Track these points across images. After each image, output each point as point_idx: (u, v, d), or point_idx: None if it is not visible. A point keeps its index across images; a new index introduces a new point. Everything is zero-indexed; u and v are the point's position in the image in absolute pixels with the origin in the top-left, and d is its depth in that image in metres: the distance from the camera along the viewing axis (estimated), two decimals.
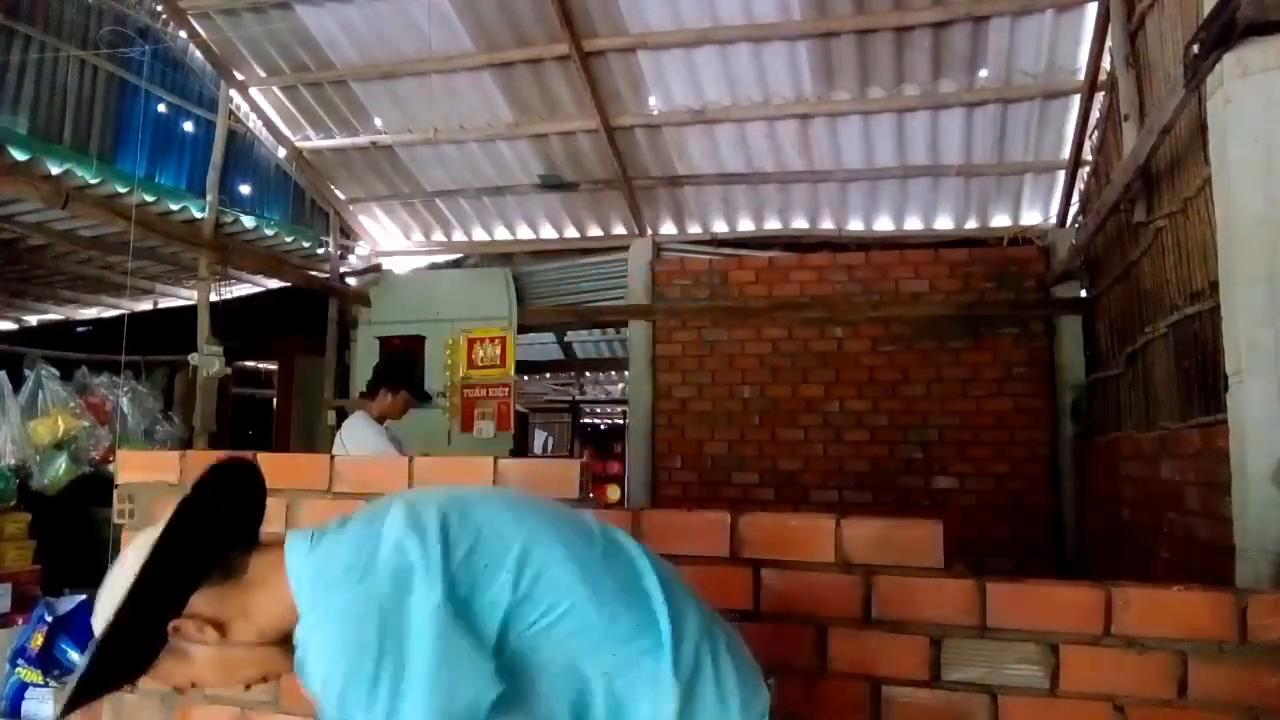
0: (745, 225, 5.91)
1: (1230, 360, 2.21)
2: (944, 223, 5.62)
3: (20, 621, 3.95)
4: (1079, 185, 5.11)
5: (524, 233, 6.36)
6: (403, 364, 4.16)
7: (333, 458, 1.99)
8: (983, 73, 4.67)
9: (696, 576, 1.74)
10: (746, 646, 1.22)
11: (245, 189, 6.67)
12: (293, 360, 7.41)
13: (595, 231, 6.21)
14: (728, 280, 5.70)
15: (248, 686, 1.12)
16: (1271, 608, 1.42)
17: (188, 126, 6.43)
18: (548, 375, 10.60)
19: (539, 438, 14.23)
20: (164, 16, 5.56)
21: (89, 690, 1.03)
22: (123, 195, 4.47)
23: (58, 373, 5.13)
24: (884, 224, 5.71)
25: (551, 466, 1.87)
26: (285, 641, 1.06)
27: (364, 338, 6.33)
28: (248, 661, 1.09)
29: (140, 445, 5.31)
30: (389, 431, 3.92)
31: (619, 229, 6.13)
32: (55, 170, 4.28)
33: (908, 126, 5.02)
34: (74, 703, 1.02)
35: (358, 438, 3.75)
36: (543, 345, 8.08)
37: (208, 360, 4.85)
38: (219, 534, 1.09)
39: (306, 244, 6.18)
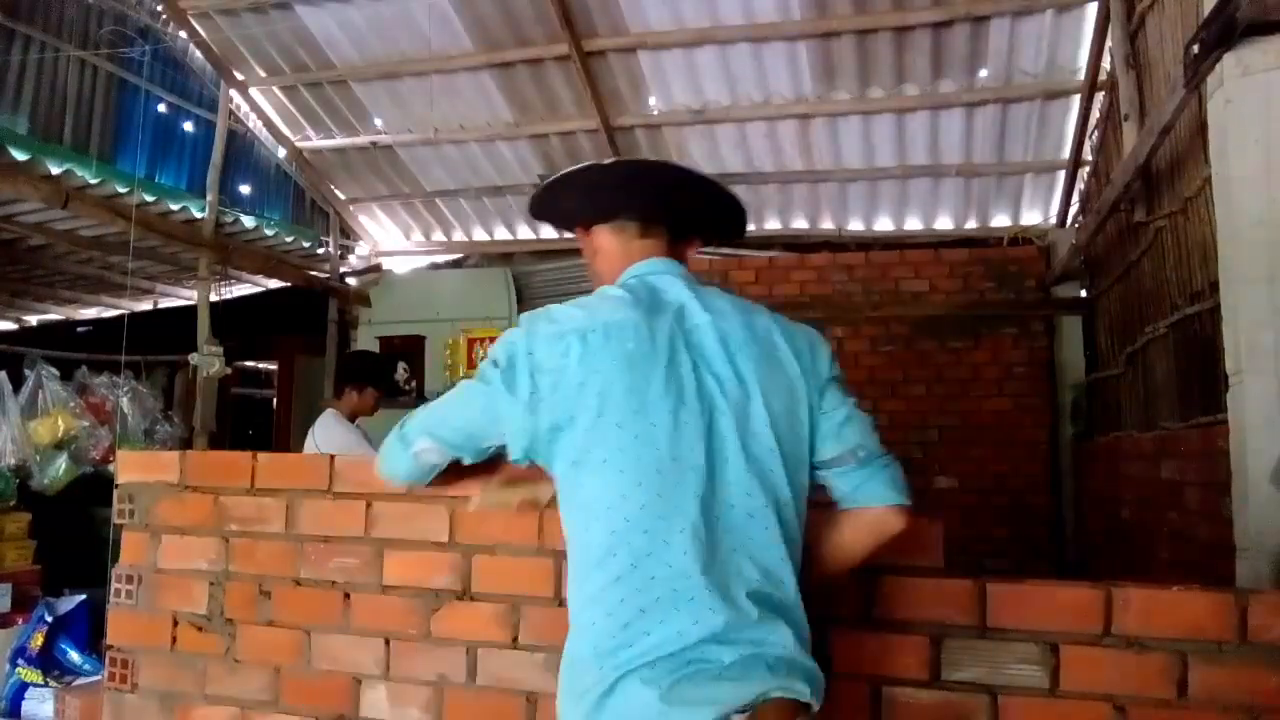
0: None
1: (1230, 360, 2.21)
2: (944, 223, 5.62)
3: (20, 621, 3.96)
4: (1079, 185, 5.11)
5: (524, 233, 6.36)
6: (366, 359, 4.13)
7: (333, 458, 1.99)
8: (983, 73, 4.67)
9: None
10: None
11: (245, 189, 6.66)
12: (293, 360, 7.41)
13: None
14: (728, 280, 5.70)
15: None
16: (1271, 608, 1.42)
17: (188, 126, 6.43)
18: None
19: None
20: (164, 16, 5.56)
21: None
22: (123, 195, 4.47)
23: (58, 373, 5.12)
24: (884, 224, 5.71)
25: None
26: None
27: (364, 338, 6.33)
28: None
29: (140, 445, 5.31)
30: (360, 429, 3.79)
31: None
32: (55, 170, 4.28)
33: (908, 126, 5.02)
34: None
35: (329, 437, 3.61)
36: None
37: (208, 360, 4.86)
38: None
39: (306, 244, 6.18)
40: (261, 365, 8.84)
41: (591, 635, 1.14)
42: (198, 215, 5.08)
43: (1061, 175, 5.17)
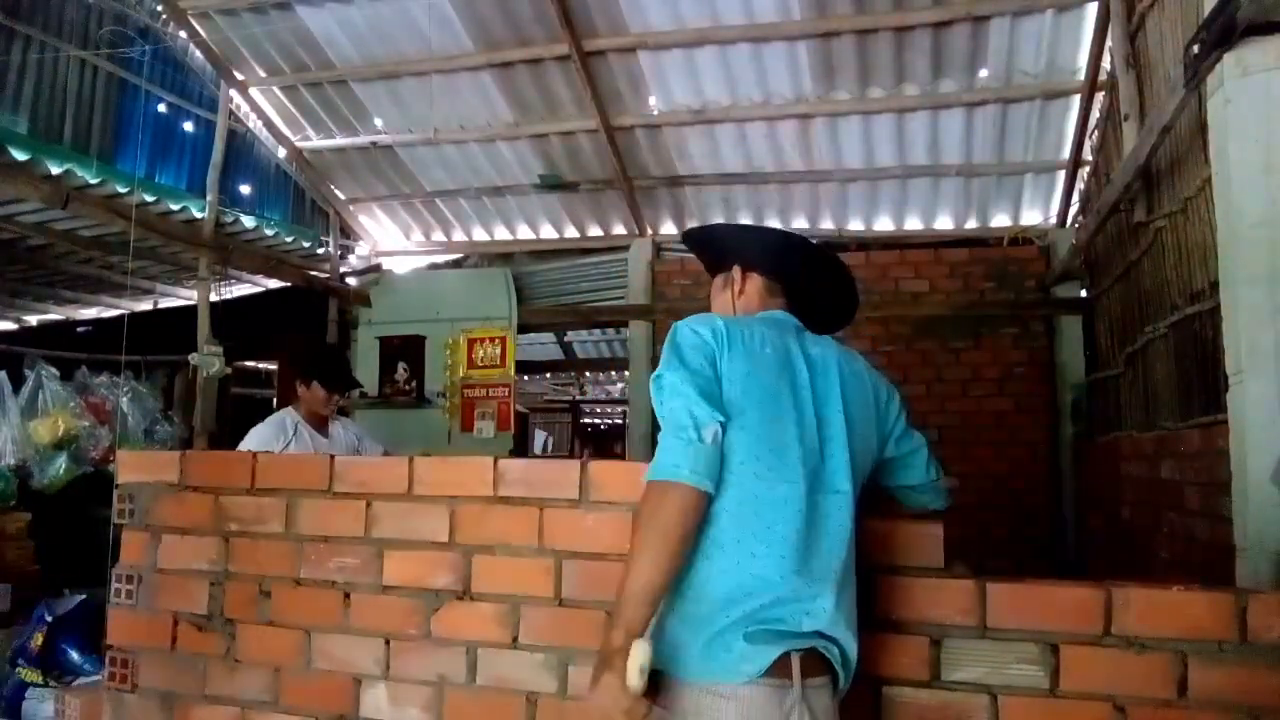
0: None
1: (1230, 360, 2.21)
2: (944, 223, 5.61)
3: (20, 621, 3.95)
4: (1079, 185, 5.11)
5: (524, 233, 6.36)
6: (309, 350, 3.65)
7: (333, 458, 1.99)
8: (983, 73, 4.67)
9: None
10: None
11: (245, 189, 6.68)
12: None
13: (595, 231, 6.21)
14: None
15: None
16: (1271, 608, 1.42)
17: (188, 126, 6.44)
18: (548, 375, 10.60)
19: (539, 438, 14.24)
20: (164, 16, 5.57)
21: None
22: (123, 195, 4.47)
23: (58, 373, 5.13)
24: (884, 224, 5.71)
25: (551, 466, 1.87)
26: None
27: (364, 338, 6.33)
28: None
29: (140, 445, 5.31)
30: (338, 427, 3.37)
31: (619, 229, 6.13)
32: (55, 170, 4.28)
33: (908, 126, 5.02)
34: None
35: (252, 435, 3.19)
36: (543, 345, 8.08)
37: (208, 360, 4.85)
38: None
39: (306, 244, 6.18)
40: (261, 365, 8.84)
41: (715, 579, 1.34)
42: (198, 215, 5.08)
43: (1061, 175, 5.17)
